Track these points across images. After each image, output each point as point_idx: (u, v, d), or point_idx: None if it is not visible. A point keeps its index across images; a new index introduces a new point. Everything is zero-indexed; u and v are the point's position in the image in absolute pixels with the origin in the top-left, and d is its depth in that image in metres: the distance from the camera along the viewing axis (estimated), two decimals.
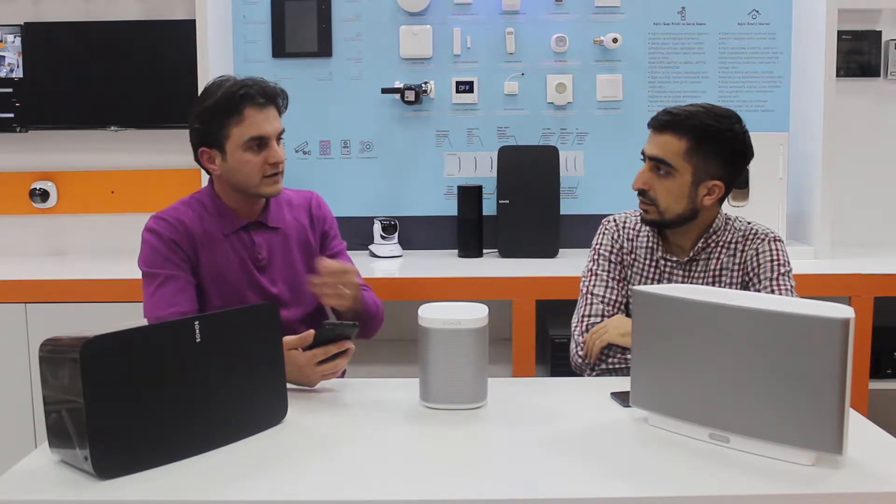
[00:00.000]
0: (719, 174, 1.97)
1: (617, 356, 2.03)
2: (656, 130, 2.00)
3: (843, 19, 3.00)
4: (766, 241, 2.05)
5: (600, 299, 2.10)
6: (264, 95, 2.00)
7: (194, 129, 2.03)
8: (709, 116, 1.96)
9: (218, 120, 1.99)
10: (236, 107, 1.97)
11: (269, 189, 2.03)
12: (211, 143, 2.01)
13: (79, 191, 3.31)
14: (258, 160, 1.99)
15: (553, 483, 1.40)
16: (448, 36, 3.20)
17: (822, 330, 1.39)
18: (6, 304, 2.78)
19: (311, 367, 1.79)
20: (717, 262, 2.05)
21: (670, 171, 1.96)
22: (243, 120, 1.98)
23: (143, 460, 1.43)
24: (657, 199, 1.99)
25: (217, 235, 2.05)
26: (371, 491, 1.38)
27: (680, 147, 1.95)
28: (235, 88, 1.98)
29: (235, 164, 2.00)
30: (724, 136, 1.96)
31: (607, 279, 2.12)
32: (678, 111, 1.98)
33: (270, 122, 2.01)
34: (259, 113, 1.99)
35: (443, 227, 3.23)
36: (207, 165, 2.05)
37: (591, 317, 2.10)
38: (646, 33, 3.21)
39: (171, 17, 3.22)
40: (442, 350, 1.69)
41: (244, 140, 1.98)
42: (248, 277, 2.07)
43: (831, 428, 1.39)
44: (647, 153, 2.00)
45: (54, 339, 1.44)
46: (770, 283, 2.02)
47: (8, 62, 3.20)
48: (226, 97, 1.98)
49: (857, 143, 3.27)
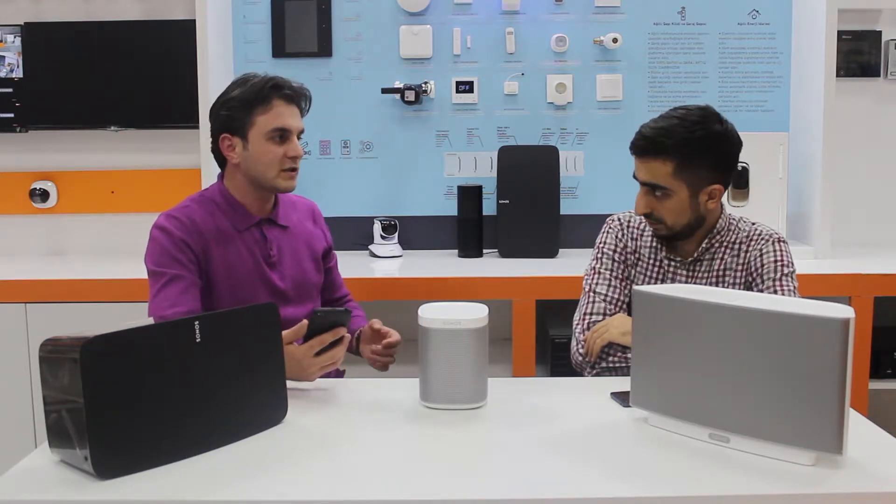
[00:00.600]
0: (713, 178, 1.98)
1: (617, 355, 2.03)
2: (638, 155, 2.00)
3: (843, 19, 3.00)
4: (770, 241, 2.06)
5: (602, 297, 2.11)
6: (292, 90, 2.07)
7: (219, 116, 2.07)
8: (685, 129, 1.93)
9: (246, 107, 2.03)
10: (266, 96, 2.03)
11: (285, 183, 2.07)
12: (235, 129, 2.05)
13: (79, 191, 3.31)
14: (279, 151, 2.04)
15: (553, 483, 1.40)
16: (448, 36, 3.20)
17: (822, 330, 1.39)
18: (6, 304, 2.78)
19: (310, 360, 1.79)
20: (721, 263, 2.06)
21: (666, 192, 1.97)
22: (270, 109, 2.03)
23: (143, 460, 1.43)
24: (663, 217, 2.01)
25: (230, 232, 2.07)
26: (371, 491, 1.38)
27: (667, 169, 1.95)
28: (266, 81, 2.05)
29: (256, 154, 2.04)
30: (705, 143, 1.95)
31: (610, 277, 2.13)
32: (654, 132, 1.95)
33: (294, 118, 2.07)
34: (286, 106, 2.05)
35: (443, 227, 3.23)
36: (227, 153, 2.07)
37: (592, 314, 2.10)
38: (646, 33, 3.21)
39: (171, 17, 3.22)
40: (442, 350, 1.69)
41: (269, 129, 2.03)
42: (260, 273, 2.09)
43: (831, 428, 1.39)
44: (640, 179, 2.01)
45: (54, 339, 1.44)
46: (773, 283, 2.02)
47: (8, 62, 3.20)
48: (257, 86, 2.04)
49: (857, 143, 3.27)
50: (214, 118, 2.09)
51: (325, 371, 1.84)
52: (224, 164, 2.11)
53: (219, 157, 2.11)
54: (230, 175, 2.11)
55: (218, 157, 2.12)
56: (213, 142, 2.10)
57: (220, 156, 2.11)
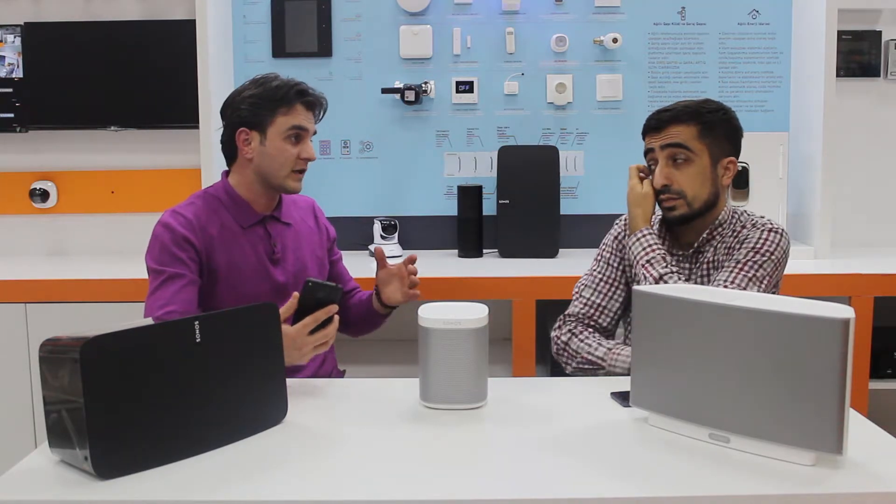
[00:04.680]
0: (729, 150, 2.03)
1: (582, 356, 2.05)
2: (658, 128, 2.02)
3: (843, 19, 3.01)
4: (759, 229, 2.01)
5: (584, 301, 2.14)
6: (314, 98, 2.15)
7: (240, 110, 2.11)
8: (699, 104, 2.04)
9: (269, 105, 2.09)
10: (291, 98, 2.10)
11: (294, 184, 2.13)
12: (254, 125, 2.10)
13: (79, 191, 3.31)
14: (294, 151, 2.11)
15: (553, 483, 1.40)
16: (448, 36, 3.20)
17: (822, 330, 1.38)
18: (6, 304, 2.78)
19: (303, 338, 1.81)
20: (717, 253, 2.05)
21: (690, 155, 1.99)
22: (292, 110, 2.10)
23: (143, 460, 1.43)
24: (683, 189, 2.00)
25: (235, 228, 2.10)
26: (371, 491, 1.38)
27: (691, 132, 2.00)
28: (293, 84, 2.12)
29: (272, 151, 2.09)
30: (720, 115, 2.03)
31: (598, 282, 2.15)
32: (671, 107, 2.04)
33: (311, 122, 2.15)
34: (306, 111, 2.13)
35: (443, 227, 3.23)
36: (242, 147, 2.12)
37: (569, 316, 2.14)
38: (646, 33, 3.21)
39: (171, 17, 3.22)
40: (442, 350, 1.69)
41: (288, 127, 2.09)
42: (263, 270, 2.12)
43: (831, 428, 1.38)
44: (661, 144, 2.01)
45: (54, 339, 1.44)
46: (735, 264, 1.95)
47: (8, 62, 3.20)
48: (283, 88, 2.10)
49: (857, 143, 3.27)
50: (233, 111, 2.12)
51: (318, 351, 1.85)
52: (233, 159, 2.15)
53: (229, 151, 2.14)
54: (238, 171, 2.14)
55: (228, 152, 2.15)
56: (228, 134, 2.13)
57: (231, 150, 2.13)
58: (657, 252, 2.01)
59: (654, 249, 2.01)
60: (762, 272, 1.95)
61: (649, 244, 2.02)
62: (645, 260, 2.00)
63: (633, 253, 2.03)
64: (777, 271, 2.00)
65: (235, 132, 2.11)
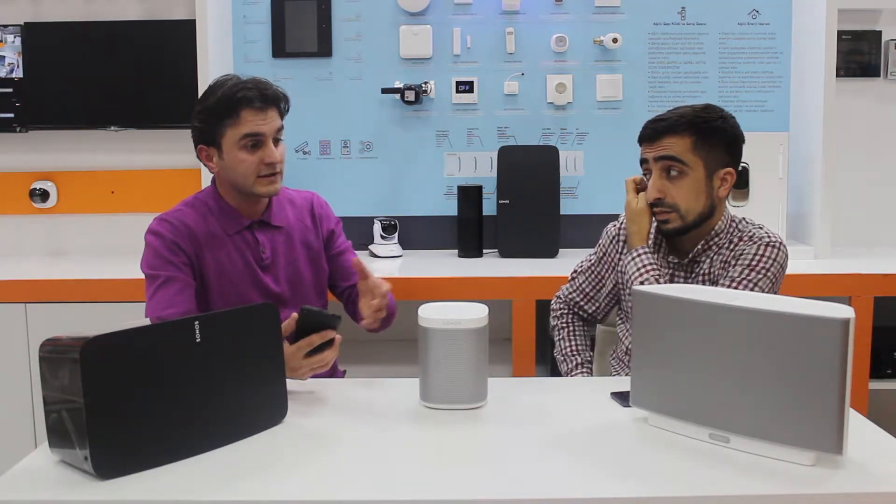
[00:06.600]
0: (726, 161, 1.98)
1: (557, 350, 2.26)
2: (652, 139, 1.98)
3: (843, 19, 3.01)
4: (755, 244, 1.97)
5: (576, 287, 2.28)
6: (262, 100, 2.01)
7: (194, 128, 2.07)
8: (697, 112, 1.98)
9: (215, 119, 2.01)
10: (234, 109, 1.99)
11: (264, 189, 2.04)
12: (209, 141, 2.05)
13: (79, 191, 3.31)
14: (253, 159, 2.01)
15: (553, 483, 1.40)
16: (448, 36, 3.20)
17: (822, 330, 1.39)
18: (6, 304, 2.79)
19: (298, 360, 1.78)
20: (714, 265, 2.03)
21: (684, 168, 1.95)
22: (238, 120, 2.00)
23: (143, 460, 1.43)
24: (676, 203, 1.97)
25: (221, 235, 2.07)
26: (371, 491, 1.38)
27: (686, 144, 1.95)
28: (234, 91, 2.00)
29: (231, 163, 2.03)
30: (718, 124, 1.97)
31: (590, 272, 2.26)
32: (666, 116, 1.98)
33: (267, 123, 2.02)
34: (256, 115, 2.00)
35: (443, 227, 3.23)
36: (206, 163, 2.08)
37: (559, 298, 2.33)
38: (646, 33, 3.21)
39: (171, 17, 3.22)
40: (442, 350, 1.69)
41: (238, 138, 2.00)
42: (252, 276, 2.08)
43: (831, 428, 1.38)
44: (655, 156, 1.97)
45: (54, 339, 1.44)
46: (731, 282, 1.94)
47: (8, 62, 3.20)
48: (224, 99, 2.00)
49: (857, 143, 3.27)
50: (191, 129, 2.08)
51: (316, 372, 1.84)
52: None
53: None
54: (218, 178, 2.11)
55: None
56: (196, 151, 2.09)
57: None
58: (651, 274, 1.99)
59: (647, 271, 1.99)
60: (757, 290, 1.94)
61: (643, 265, 2.00)
62: (639, 282, 1.98)
63: (629, 272, 2.03)
64: (773, 287, 1.98)
65: (197, 150, 2.07)
